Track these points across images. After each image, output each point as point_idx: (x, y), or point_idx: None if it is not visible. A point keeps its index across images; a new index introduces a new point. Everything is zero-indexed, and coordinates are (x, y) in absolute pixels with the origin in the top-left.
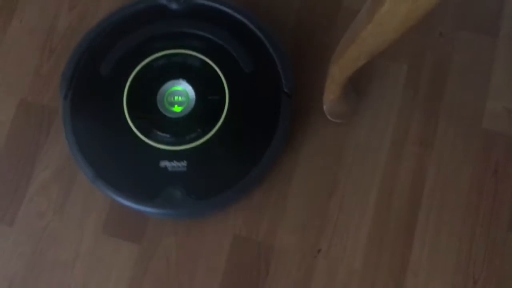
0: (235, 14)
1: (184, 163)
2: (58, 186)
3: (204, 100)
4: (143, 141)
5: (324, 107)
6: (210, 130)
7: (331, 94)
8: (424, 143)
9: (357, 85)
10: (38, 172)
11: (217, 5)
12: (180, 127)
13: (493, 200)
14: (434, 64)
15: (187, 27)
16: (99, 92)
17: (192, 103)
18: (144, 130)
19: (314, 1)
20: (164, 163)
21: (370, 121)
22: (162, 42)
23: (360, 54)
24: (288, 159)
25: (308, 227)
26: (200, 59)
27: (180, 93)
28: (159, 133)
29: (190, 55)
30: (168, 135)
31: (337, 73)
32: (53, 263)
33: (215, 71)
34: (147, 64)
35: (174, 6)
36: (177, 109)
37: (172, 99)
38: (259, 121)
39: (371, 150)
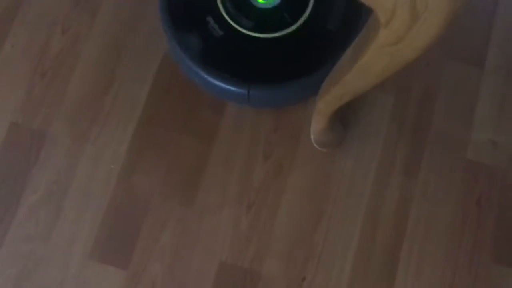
0: None
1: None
2: (46, 210)
3: None
4: (233, 27)
5: (312, 136)
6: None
7: (318, 125)
8: (409, 173)
9: (344, 115)
10: (27, 195)
11: None
12: (268, 17)
13: (476, 231)
14: (420, 94)
15: None
16: None
17: None
18: (234, 16)
19: None
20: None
21: (356, 151)
22: None
23: (343, 93)
24: (276, 186)
25: (293, 255)
26: None
27: None
28: (247, 20)
29: None
30: (255, 23)
31: (324, 107)
32: (40, 287)
33: None
34: None
35: None
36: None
37: None
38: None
39: (356, 179)
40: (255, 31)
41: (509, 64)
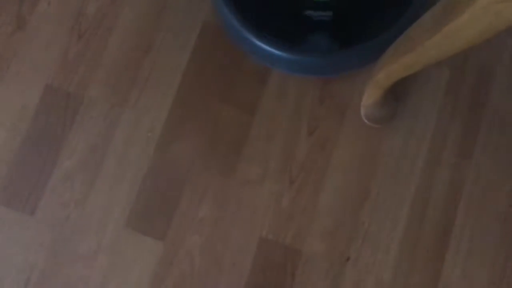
0: None
1: (330, 13)
2: (82, 176)
3: None
4: None
5: (362, 110)
6: None
7: (370, 98)
8: (462, 153)
9: (396, 89)
10: (62, 160)
11: None
12: None
13: None
14: (477, 71)
15: None
16: None
17: None
18: None
19: None
20: (309, 12)
21: (407, 127)
22: None
23: (415, 62)
24: (321, 162)
25: (337, 234)
26: None
27: None
28: None
29: None
30: None
31: (383, 78)
32: (74, 255)
33: None
34: None
35: None
36: None
37: None
38: None
39: (407, 157)
40: None
41: None
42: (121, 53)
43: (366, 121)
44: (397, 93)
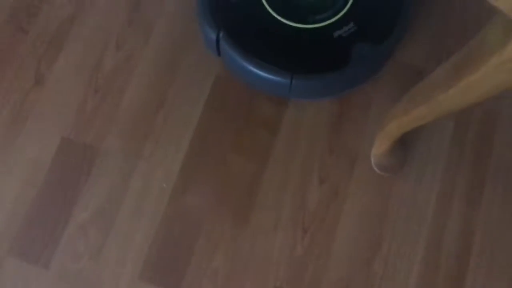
0: None
1: (351, 25)
2: (97, 227)
3: None
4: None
5: (372, 159)
6: None
7: (380, 148)
8: (471, 200)
9: (404, 139)
10: (77, 212)
11: None
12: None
13: None
14: (481, 120)
15: None
16: None
17: None
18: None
19: None
20: (337, 33)
21: (416, 175)
22: None
23: (428, 114)
24: (333, 210)
25: (352, 283)
26: None
27: None
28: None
29: None
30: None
31: (394, 129)
32: None
33: None
34: None
35: None
36: None
37: None
38: None
39: (417, 206)
40: (298, 22)
41: None
42: (136, 106)
43: (376, 169)
44: (405, 142)
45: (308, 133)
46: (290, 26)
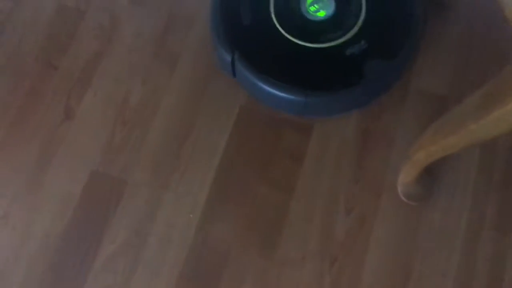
0: None
1: (363, 42)
2: (125, 260)
3: None
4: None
5: (399, 188)
6: None
7: (407, 177)
8: (501, 228)
9: (431, 167)
10: (105, 245)
11: None
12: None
13: None
14: (508, 146)
15: None
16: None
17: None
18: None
19: None
20: (349, 50)
21: (444, 203)
22: None
23: (457, 144)
24: (360, 241)
25: None
26: None
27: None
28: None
29: None
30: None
31: (422, 159)
32: None
33: None
34: None
35: None
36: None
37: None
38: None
39: (446, 234)
40: (310, 42)
41: None
42: (162, 138)
43: (403, 198)
44: (432, 170)
45: (333, 163)
46: (303, 46)
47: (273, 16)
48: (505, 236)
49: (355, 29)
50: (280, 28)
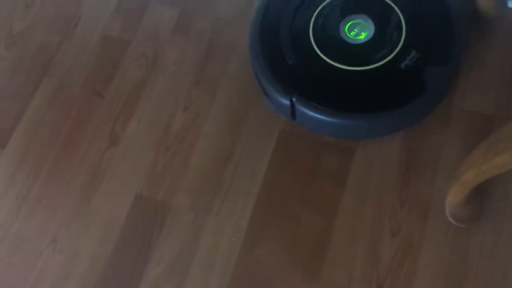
0: None
1: (414, 53)
2: (169, 284)
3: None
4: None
5: (447, 210)
6: None
7: (456, 197)
8: None
9: (480, 187)
10: (150, 269)
11: None
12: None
13: None
14: None
15: None
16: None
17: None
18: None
19: None
20: (404, 63)
21: (496, 226)
22: None
23: (509, 163)
24: (408, 264)
25: None
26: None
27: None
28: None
29: None
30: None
31: (471, 179)
32: None
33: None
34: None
35: None
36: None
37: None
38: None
39: (499, 258)
40: (360, 66)
41: None
42: (204, 162)
43: (452, 220)
44: (481, 191)
45: (376, 185)
46: (356, 70)
47: (316, 49)
48: None
49: (401, 43)
50: (327, 60)
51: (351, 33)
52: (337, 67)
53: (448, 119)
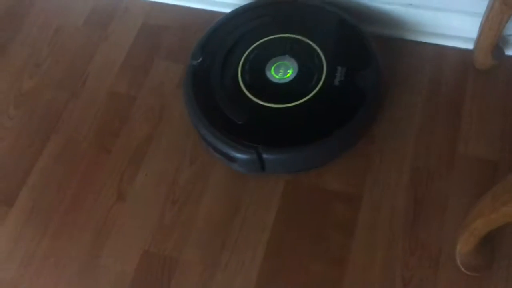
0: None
1: (340, 68)
2: None
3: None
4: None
5: (457, 258)
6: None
7: (466, 246)
8: None
9: (490, 234)
10: None
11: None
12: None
13: None
14: None
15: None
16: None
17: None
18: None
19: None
20: (336, 80)
21: (508, 273)
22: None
23: None
24: None
25: None
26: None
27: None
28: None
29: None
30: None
31: (481, 227)
32: None
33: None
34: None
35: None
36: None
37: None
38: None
39: None
40: (277, 103)
41: None
42: (211, 215)
43: (463, 269)
44: (492, 238)
45: (386, 234)
46: (300, 103)
47: (255, 99)
48: None
49: (325, 66)
50: (271, 105)
51: (279, 74)
52: (283, 107)
53: (452, 166)
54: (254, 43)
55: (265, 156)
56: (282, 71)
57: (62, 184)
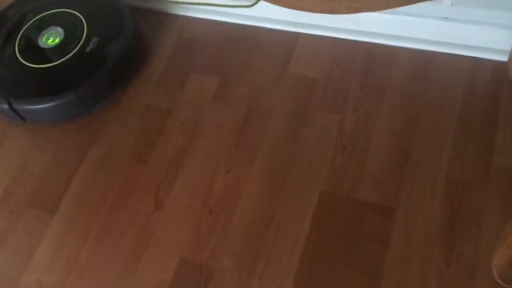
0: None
1: (94, 38)
2: None
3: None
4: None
5: (494, 271)
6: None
7: (503, 258)
8: None
9: None
10: None
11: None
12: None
13: None
14: None
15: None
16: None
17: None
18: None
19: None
20: (88, 48)
21: None
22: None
23: None
24: None
25: None
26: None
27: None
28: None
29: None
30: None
31: None
32: None
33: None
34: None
35: None
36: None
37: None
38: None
39: None
40: (38, 64)
41: None
42: (246, 225)
43: (500, 282)
44: None
45: (421, 245)
46: (56, 64)
47: (22, 60)
48: None
49: (84, 36)
50: (32, 65)
51: (49, 41)
52: (40, 67)
53: (487, 177)
54: (34, 18)
55: (15, 106)
56: (51, 39)
57: (103, 192)
